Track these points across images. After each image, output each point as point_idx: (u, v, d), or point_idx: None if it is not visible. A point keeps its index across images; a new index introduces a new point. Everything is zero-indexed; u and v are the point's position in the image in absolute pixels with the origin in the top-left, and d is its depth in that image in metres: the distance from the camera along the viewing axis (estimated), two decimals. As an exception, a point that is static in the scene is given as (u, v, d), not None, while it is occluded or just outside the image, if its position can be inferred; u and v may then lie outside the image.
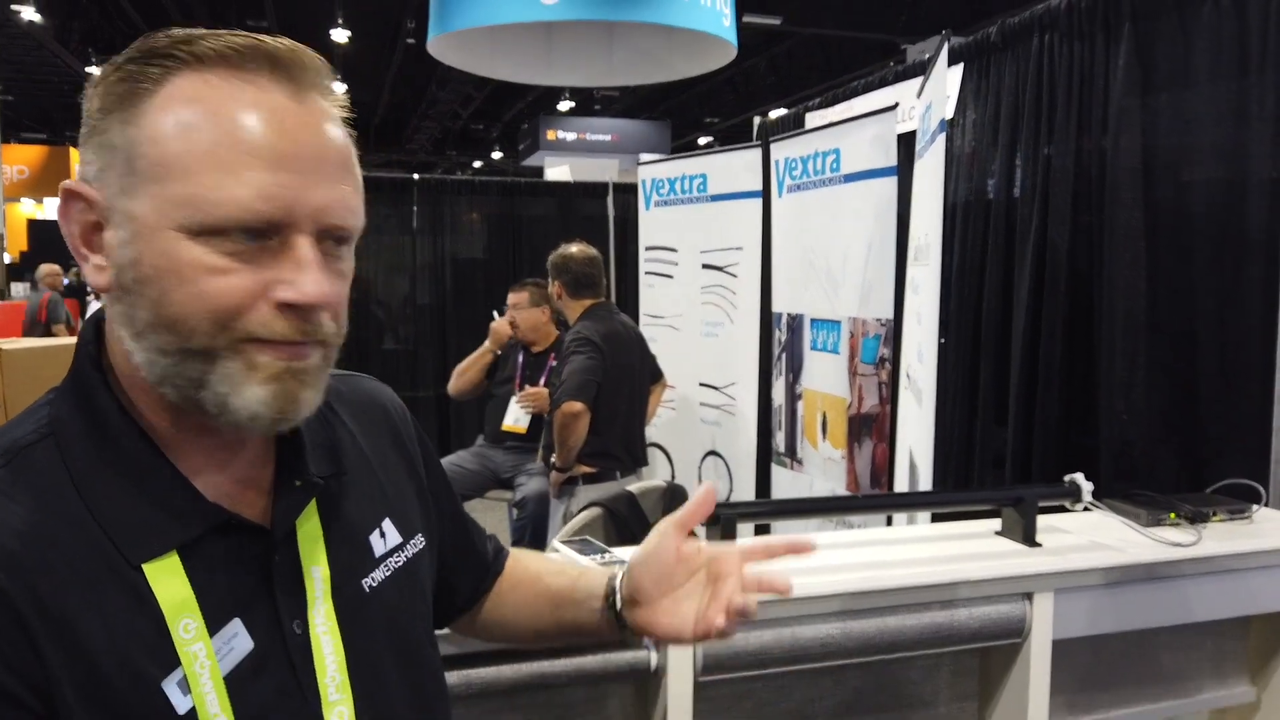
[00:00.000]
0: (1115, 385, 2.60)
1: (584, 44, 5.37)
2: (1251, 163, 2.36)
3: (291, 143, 0.70)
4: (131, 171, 0.69)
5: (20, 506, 0.69)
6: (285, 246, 0.70)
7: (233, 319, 0.69)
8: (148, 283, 0.69)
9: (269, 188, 0.68)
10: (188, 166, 0.68)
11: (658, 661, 1.58)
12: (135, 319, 0.70)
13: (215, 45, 0.70)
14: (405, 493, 0.93)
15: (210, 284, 0.68)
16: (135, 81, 0.70)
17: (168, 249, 0.68)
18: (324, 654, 0.78)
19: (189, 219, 0.68)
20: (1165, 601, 1.85)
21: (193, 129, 0.68)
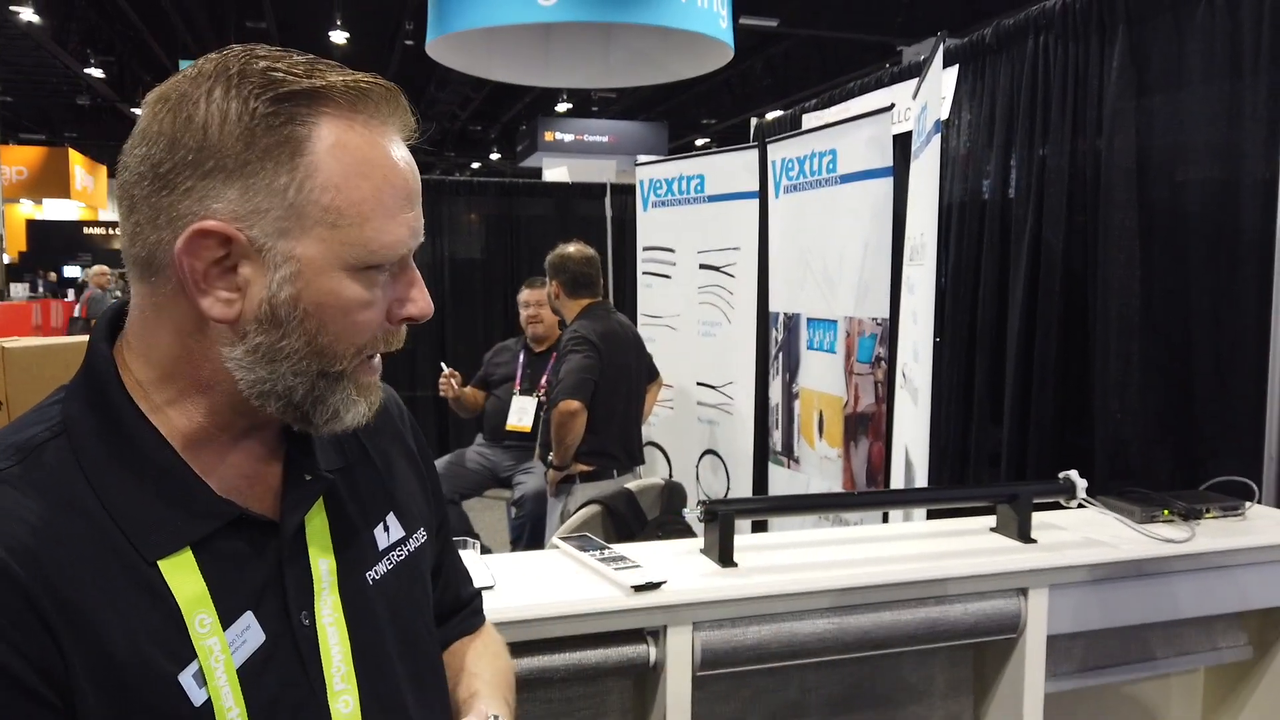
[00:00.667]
0: (1110, 384, 2.62)
1: (582, 45, 5.39)
2: (1245, 163, 2.38)
3: (416, 180, 0.80)
4: (298, 216, 0.73)
5: (35, 504, 0.70)
6: (402, 269, 0.80)
7: (370, 342, 0.79)
8: (307, 317, 0.75)
9: (415, 225, 0.78)
10: (361, 214, 0.74)
11: (657, 656, 1.59)
12: (280, 349, 0.75)
13: (345, 86, 0.75)
14: (409, 488, 0.95)
15: (365, 315, 0.77)
16: (286, 125, 0.72)
17: (334, 287, 0.75)
18: (330, 645, 0.80)
19: (358, 260, 0.75)
20: (1159, 597, 1.87)
21: (359, 178, 0.74)
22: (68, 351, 2.14)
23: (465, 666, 1.02)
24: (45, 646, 0.66)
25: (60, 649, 0.67)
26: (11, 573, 0.66)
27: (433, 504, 0.99)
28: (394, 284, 0.79)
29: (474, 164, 23.03)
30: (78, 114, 17.50)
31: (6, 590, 0.66)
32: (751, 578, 1.68)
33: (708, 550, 1.77)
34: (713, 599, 1.62)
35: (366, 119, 0.75)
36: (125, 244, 0.76)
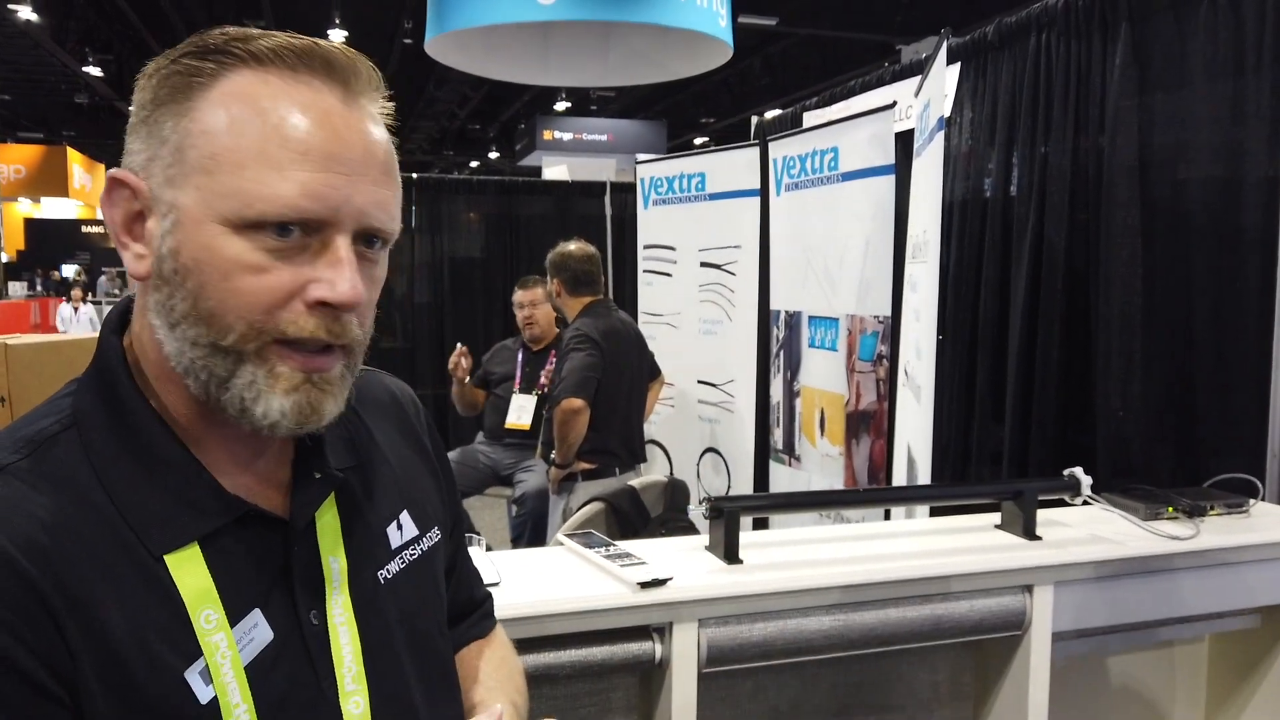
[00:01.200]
0: (1112, 382, 2.62)
1: (581, 44, 5.39)
2: (1247, 161, 2.38)
3: (339, 144, 0.71)
4: (180, 162, 0.70)
5: (44, 497, 0.69)
6: (323, 246, 0.71)
7: (266, 318, 0.70)
8: (187, 274, 0.70)
9: (313, 186, 0.69)
10: (237, 160, 0.69)
11: (662, 653, 1.59)
12: (172, 309, 0.71)
13: (272, 45, 0.71)
14: (423, 486, 0.94)
15: (248, 281, 0.69)
16: (190, 75, 0.71)
17: (209, 242, 0.69)
18: (341, 644, 0.79)
19: (233, 212, 0.69)
20: (1163, 594, 1.87)
21: (244, 124, 0.69)
22: (70, 348, 2.14)
23: (477, 676, 1.00)
24: (52, 641, 0.66)
25: (67, 644, 0.66)
26: (19, 567, 0.65)
27: (448, 504, 0.98)
28: (312, 260, 0.71)
29: (473, 163, 23.03)
30: (76, 113, 17.48)
31: (14, 584, 0.65)
32: (757, 574, 1.68)
33: (713, 547, 1.77)
34: (718, 595, 1.62)
35: (286, 73, 0.71)
36: None
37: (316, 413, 0.73)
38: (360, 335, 0.75)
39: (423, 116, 18.10)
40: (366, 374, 0.96)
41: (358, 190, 0.71)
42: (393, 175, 0.76)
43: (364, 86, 0.75)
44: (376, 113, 0.76)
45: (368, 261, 0.75)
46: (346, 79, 0.73)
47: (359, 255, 0.73)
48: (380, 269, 0.77)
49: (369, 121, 0.74)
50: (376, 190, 0.73)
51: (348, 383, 0.77)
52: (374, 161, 0.73)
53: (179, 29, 12.58)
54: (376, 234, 0.74)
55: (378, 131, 0.75)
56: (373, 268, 0.76)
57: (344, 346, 0.74)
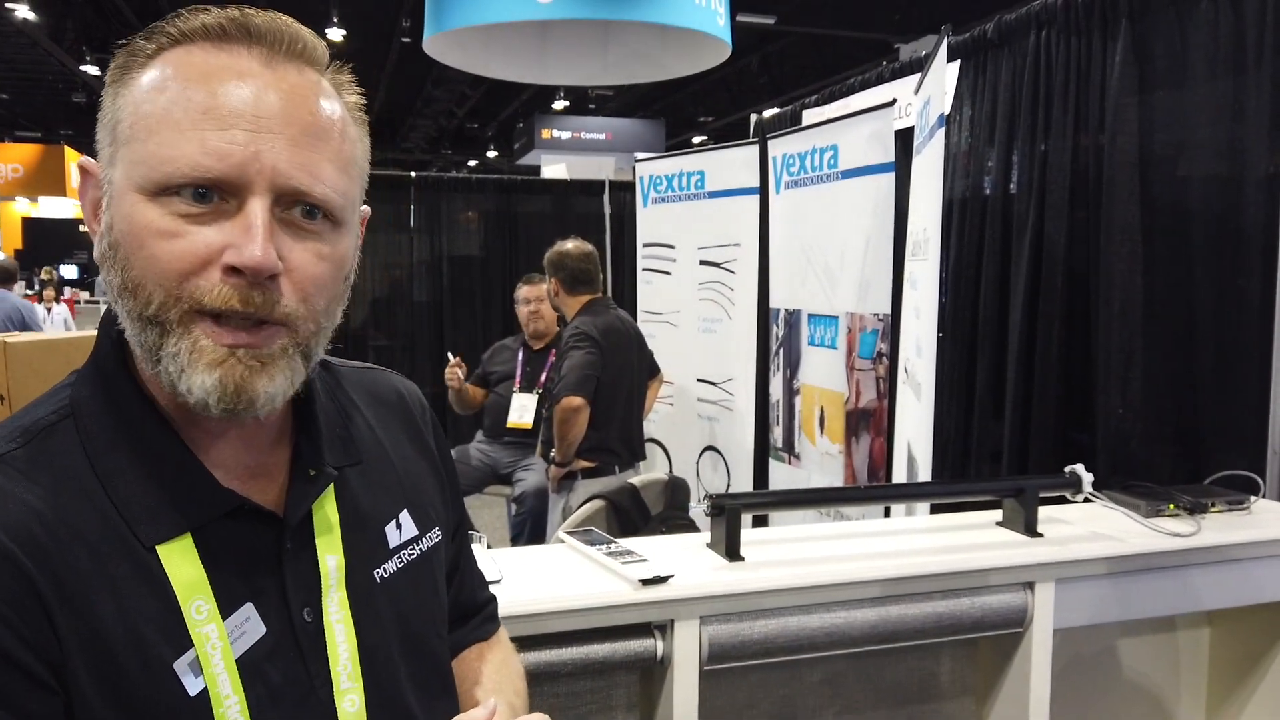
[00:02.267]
0: (1112, 380, 2.62)
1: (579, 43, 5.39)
2: (1248, 158, 2.38)
3: (250, 104, 0.69)
4: (113, 140, 0.71)
5: (39, 487, 0.69)
6: (239, 211, 0.69)
7: (180, 284, 0.68)
8: (117, 246, 0.70)
9: (215, 143, 0.67)
10: (148, 127, 0.69)
11: (664, 650, 1.59)
12: (112, 285, 0.72)
13: (201, 20, 0.71)
14: (425, 486, 0.93)
15: (160, 246, 0.68)
16: (130, 57, 0.72)
17: (129, 211, 0.69)
18: (337, 642, 0.78)
19: (144, 178, 0.68)
20: (1165, 591, 1.87)
21: (158, 94, 0.69)
22: (69, 346, 2.13)
23: (478, 679, 0.99)
24: (42, 629, 0.66)
25: (57, 633, 0.66)
26: (10, 554, 0.66)
27: (451, 505, 0.97)
28: (230, 226, 0.68)
29: (471, 161, 23.02)
30: (74, 112, 17.44)
31: (7, 573, 0.65)
32: (758, 572, 1.67)
33: (714, 544, 1.77)
34: (720, 593, 1.62)
35: (209, 45, 0.71)
36: None
37: (247, 392, 0.69)
38: (300, 310, 0.71)
39: (421, 115, 18.08)
40: (375, 372, 0.96)
41: (268, 147, 0.69)
42: (326, 140, 0.72)
43: (296, 52, 0.73)
44: (320, 80, 0.74)
45: (306, 232, 0.72)
46: (268, 43, 0.71)
47: (292, 224, 0.71)
48: (330, 245, 0.73)
49: (296, 84, 0.71)
50: (296, 150, 0.70)
51: (294, 363, 0.73)
52: (294, 120, 0.70)
53: (177, 28, 12.55)
54: (303, 198, 0.71)
55: (309, 96, 0.72)
56: (316, 241, 0.72)
57: (282, 323, 0.71)
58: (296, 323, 0.72)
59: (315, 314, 0.73)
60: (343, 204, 0.74)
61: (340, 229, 0.75)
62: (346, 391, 0.90)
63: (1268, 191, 2.32)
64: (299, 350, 0.73)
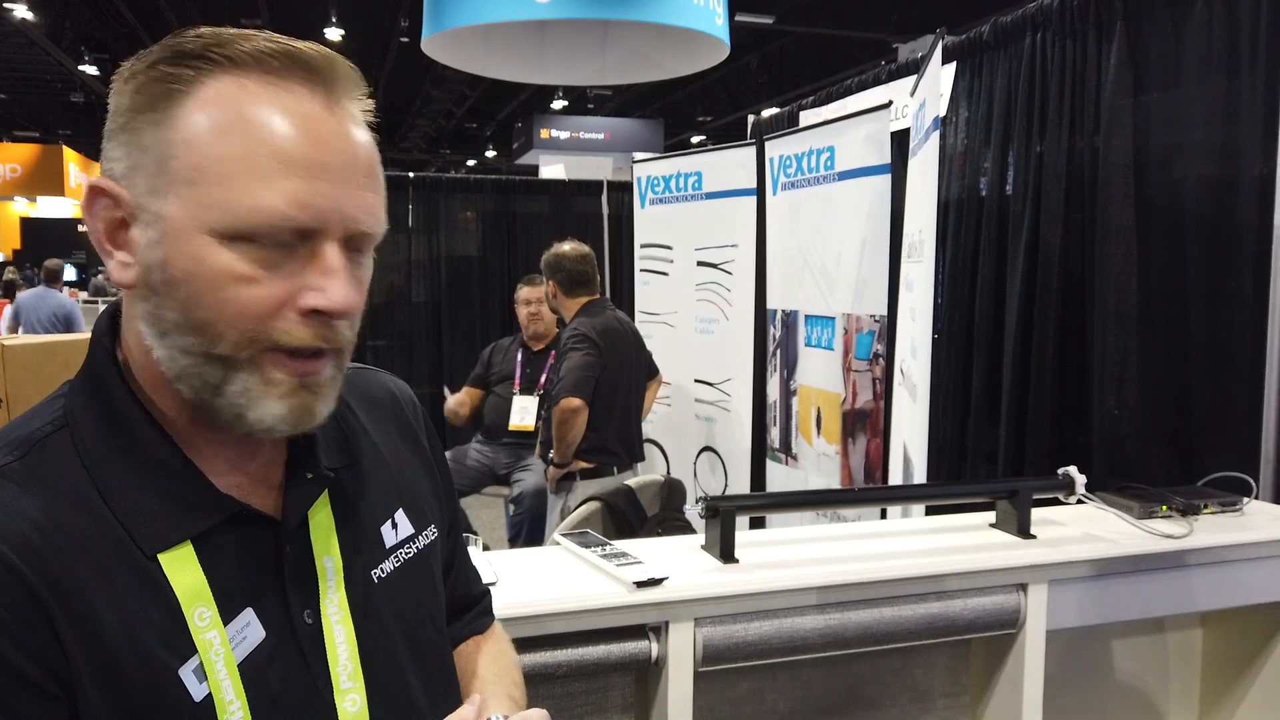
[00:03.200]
0: (1107, 381, 2.63)
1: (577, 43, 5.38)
2: (1242, 160, 2.39)
3: (324, 151, 0.71)
4: (163, 172, 0.70)
5: (36, 498, 0.70)
6: (313, 254, 0.71)
7: (259, 327, 0.70)
8: (177, 285, 0.70)
9: (301, 195, 0.69)
10: (222, 171, 0.68)
11: (659, 652, 1.60)
12: (161, 318, 0.71)
13: (249, 48, 0.70)
14: (419, 484, 0.94)
15: (239, 292, 0.69)
16: (168, 82, 0.70)
17: (197, 253, 0.69)
18: (336, 643, 0.79)
19: (221, 224, 0.68)
20: (1158, 592, 1.88)
21: (227, 133, 0.69)
22: (67, 349, 2.13)
23: (475, 671, 1.01)
24: (47, 640, 0.66)
25: (61, 643, 0.67)
26: (13, 566, 0.66)
27: (445, 502, 0.98)
28: (302, 268, 0.71)
29: (469, 161, 23.02)
30: (72, 111, 17.45)
31: (8, 583, 0.66)
32: (753, 573, 1.68)
33: (709, 546, 1.78)
34: (714, 595, 1.63)
35: (266, 78, 0.70)
36: None
37: (310, 415, 0.74)
38: (351, 337, 0.76)
39: (419, 115, 18.08)
40: (367, 372, 0.97)
41: (344, 197, 0.71)
42: (377, 178, 0.76)
43: (345, 88, 0.74)
44: (358, 114, 0.75)
45: (354, 265, 0.75)
46: (327, 82, 0.72)
47: (348, 260, 0.74)
48: (366, 271, 0.77)
49: (351, 125, 0.73)
50: (363, 195, 0.73)
51: (338, 383, 0.77)
52: (359, 166, 0.73)
53: (175, 26, 12.55)
54: (363, 239, 0.75)
55: (360, 134, 0.74)
56: (360, 271, 0.76)
57: (335, 350, 0.75)
58: (347, 349, 0.76)
59: (354, 336, 0.77)
60: (383, 232, 0.78)
61: (371, 252, 0.79)
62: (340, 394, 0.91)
63: (1261, 194, 2.33)
64: (340, 370, 0.78)
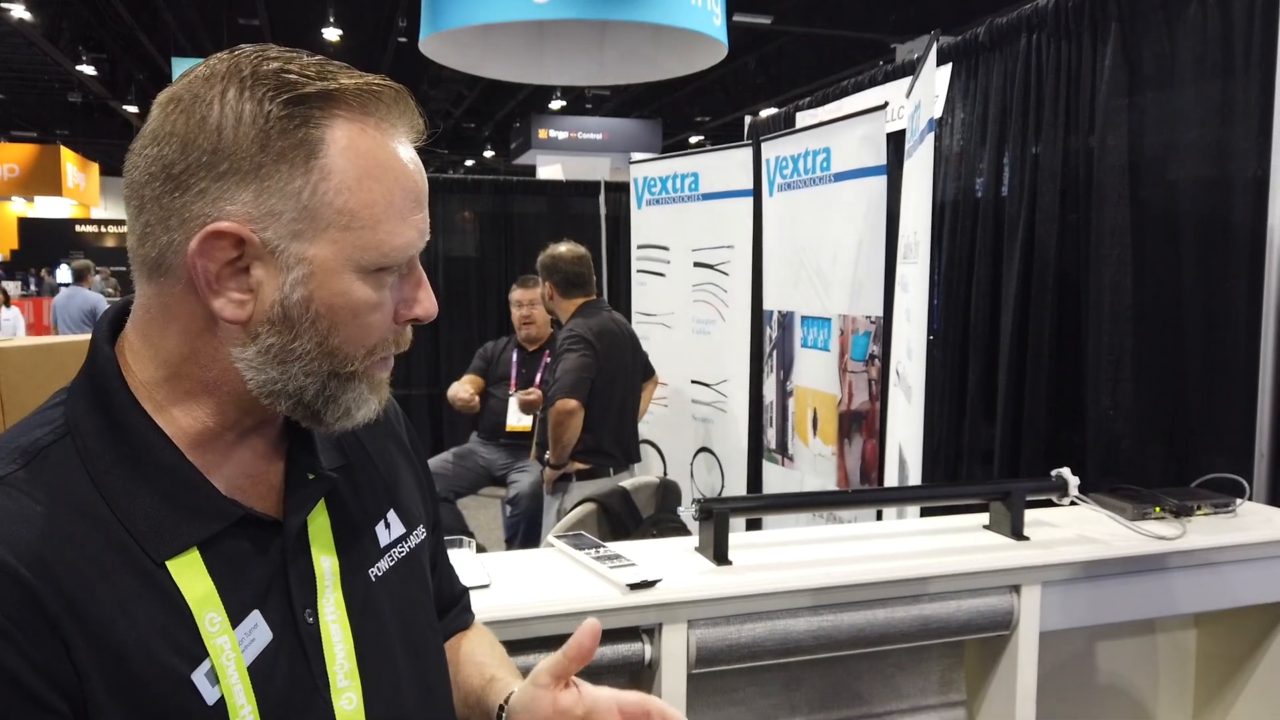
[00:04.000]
0: (1102, 381, 2.63)
1: (575, 43, 5.38)
2: (1236, 161, 2.39)
3: (424, 182, 0.80)
4: (311, 219, 0.73)
5: (42, 507, 0.70)
6: (410, 270, 0.81)
7: (382, 343, 0.80)
8: (319, 318, 0.75)
9: (423, 226, 0.79)
10: (375, 217, 0.75)
11: (652, 654, 1.60)
12: (292, 350, 0.75)
13: (358, 91, 0.75)
14: (406, 485, 0.96)
15: (374, 317, 0.78)
16: (299, 127, 0.72)
17: (346, 289, 0.75)
18: (333, 642, 0.80)
19: (370, 261, 0.76)
20: (1150, 594, 1.88)
21: (369, 179, 0.75)
22: (63, 351, 2.13)
23: (470, 657, 1.03)
24: (54, 652, 0.66)
25: (70, 654, 0.67)
26: (20, 577, 0.66)
27: (428, 500, 1.00)
28: (401, 285, 0.80)
29: (468, 161, 23.01)
30: (69, 111, 17.44)
31: (15, 595, 0.66)
32: (746, 575, 1.68)
33: (702, 548, 1.78)
34: (707, 597, 1.63)
35: (377, 121, 0.76)
36: (133, 244, 0.75)
37: (384, 401, 0.83)
38: None
39: (417, 115, 18.06)
40: None
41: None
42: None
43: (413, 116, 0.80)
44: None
45: None
46: (411, 119, 0.79)
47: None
48: None
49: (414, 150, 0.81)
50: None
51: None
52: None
53: (172, 27, 12.56)
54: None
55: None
56: None
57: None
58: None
59: None
60: None
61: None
62: None
63: (1255, 195, 2.33)
64: None
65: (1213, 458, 2.38)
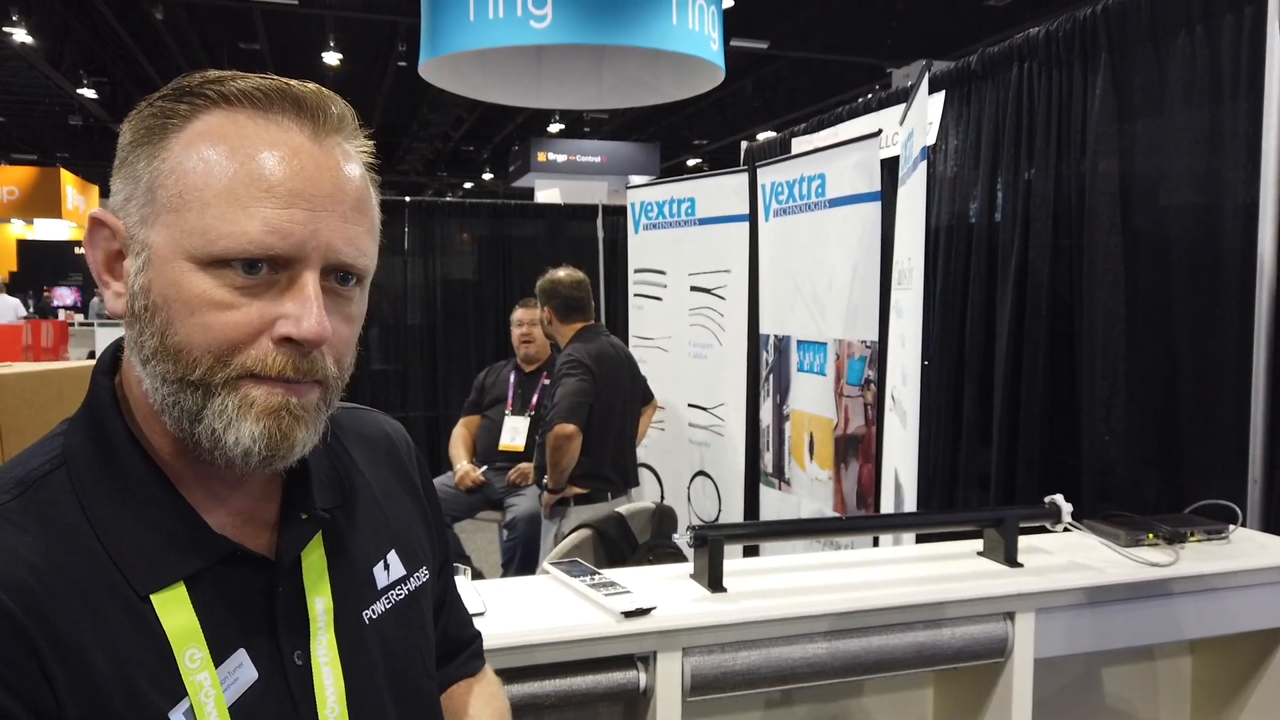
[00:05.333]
0: (1096, 406, 2.65)
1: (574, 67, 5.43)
2: (1225, 188, 2.41)
3: (305, 181, 0.71)
4: (151, 202, 0.71)
5: (32, 537, 0.70)
6: (291, 283, 0.72)
7: (232, 353, 0.71)
8: (156, 310, 0.71)
9: (277, 222, 0.70)
10: (203, 199, 0.70)
11: (647, 682, 1.60)
12: (143, 345, 0.72)
13: (244, 86, 0.72)
14: (411, 525, 0.94)
15: (213, 317, 0.70)
16: (165, 117, 0.72)
17: (177, 278, 0.70)
18: (324, 685, 0.79)
19: (198, 249, 0.70)
20: (1145, 621, 1.89)
21: (211, 163, 0.70)
22: (61, 378, 2.14)
23: (466, 712, 1.00)
24: (34, 680, 0.66)
25: (51, 684, 0.67)
26: (5, 607, 0.66)
27: (437, 544, 0.98)
28: (279, 296, 0.71)
29: (466, 184, 23.10)
30: (70, 134, 17.51)
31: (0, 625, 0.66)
32: (741, 603, 1.69)
33: (697, 575, 1.78)
34: (702, 624, 1.63)
35: (256, 113, 0.72)
36: None
37: (288, 440, 0.73)
38: (334, 371, 0.76)
39: (416, 138, 18.17)
40: (361, 412, 0.98)
41: (324, 225, 0.72)
42: (365, 212, 0.76)
43: (336, 125, 0.75)
44: (351, 150, 0.76)
45: (340, 298, 0.75)
46: (316, 117, 0.74)
47: (331, 292, 0.74)
48: (356, 306, 0.78)
49: (340, 158, 0.74)
50: (345, 226, 0.73)
51: (322, 416, 0.77)
52: (343, 197, 0.73)
53: (174, 51, 12.64)
54: (347, 270, 0.75)
55: (350, 168, 0.75)
56: (347, 304, 0.76)
57: (318, 381, 0.74)
58: (331, 382, 0.76)
59: (343, 372, 0.77)
60: (371, 268, 0.78)
61: (363, 288, 0.79)
62: (335, 433, 0.90)
63: (1245, 220, 2.35)
64: (326, 404, 0.77)
65: (1206, 482, 2.39)
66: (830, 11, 10.47)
